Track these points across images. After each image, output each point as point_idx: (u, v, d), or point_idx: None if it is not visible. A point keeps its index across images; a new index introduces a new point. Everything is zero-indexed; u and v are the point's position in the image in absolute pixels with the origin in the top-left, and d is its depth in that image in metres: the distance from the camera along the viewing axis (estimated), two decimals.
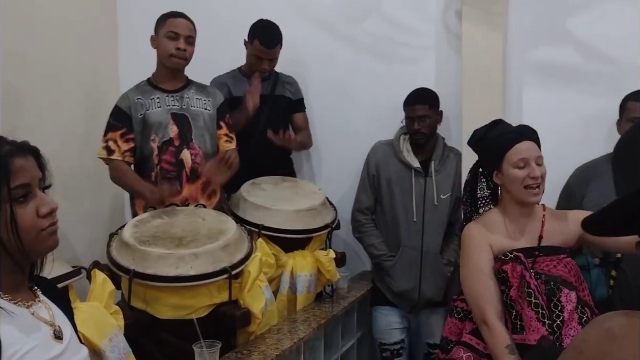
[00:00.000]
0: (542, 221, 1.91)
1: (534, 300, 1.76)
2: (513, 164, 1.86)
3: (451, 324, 1.98)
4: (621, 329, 0.75)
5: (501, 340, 1.75)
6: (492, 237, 1.88)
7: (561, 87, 2.79)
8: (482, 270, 1.84)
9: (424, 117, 2.74)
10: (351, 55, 3.16)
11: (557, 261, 1.86)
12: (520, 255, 1.81)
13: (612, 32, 2.69)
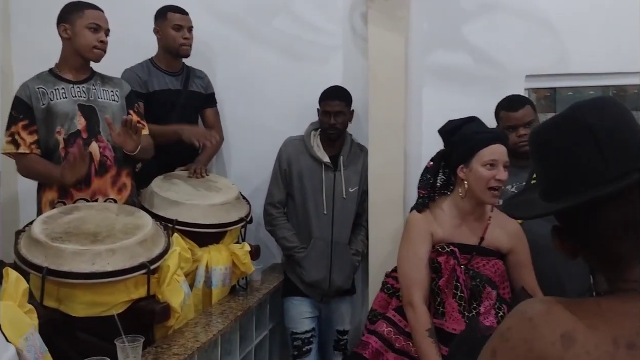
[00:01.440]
0: (487, 223, 2.03)
1: (459, 293, 1.92)
2: (483, 163, 1.95)
3: (380, 298, 2.12)
4: (540, 317, 0.79)
5: (423, 323, 1.89)
6: (436, 226, 1.99)
7: (456, 90, 3.02)
8: (419, 257, 1.96)
9: (340, 113, 2.86)
10: (261, 52, 3.21)
11: (487, 261, 2.00)
12: (455, 251, 1.94)
13: (501, 39, 2.96)
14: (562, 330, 0.76)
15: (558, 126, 0.84)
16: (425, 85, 3.06)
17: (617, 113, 0.83)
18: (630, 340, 0.74)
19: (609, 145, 0.79)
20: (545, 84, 3.04)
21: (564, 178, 0.83)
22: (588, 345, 0.75)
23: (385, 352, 2.01)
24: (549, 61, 2.92)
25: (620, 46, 2.82)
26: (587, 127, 0.80)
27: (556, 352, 0.75)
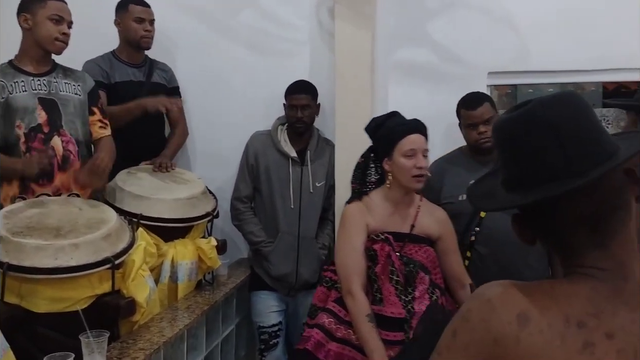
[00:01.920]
0: (417, 211, 2.14)
1: (395, 277, 2.00)
2: (403, 153, 2.07)
3: (320, 292, 2.20)
4: (498, 298, 0.84)
5: (362, 309, 1.98)
6: (371, 217, 2.08)
7: (421, 86, 3.07)
8: (355, 247, 2.05)
9: (306, 106, 2.87)
10: (227, 46, 3.20)
11: (419, 248, 2.11)
12: (390, 237, 2.04)
13: (464, 37, 3.02)
14: (518, 311, 0.81)
15: (521, 121, 0.87)
16: (391, 82, 3.10)
17: (579, 109, 0.85)
18: (580, 319, 0.79)
19: (569, 142, 0.82)
20: (506, 81, 3.11)
21: (526, 172, 0.86)
22: (542, 324, 0.79)
23: (327, 342, 2.07)
24: (510, 58, 2.99)
25: (579, 44, 2.91)
26: (549, 124, 0.83)
27: (512, 331, 0.80)
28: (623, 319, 0.80)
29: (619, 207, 0.85)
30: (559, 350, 0.78)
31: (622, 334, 0.79)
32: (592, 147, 0.83)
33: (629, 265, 0.84)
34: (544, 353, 0.79)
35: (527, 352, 0.79)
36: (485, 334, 0.82)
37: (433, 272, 2.11)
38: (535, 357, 0.79)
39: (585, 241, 0.84)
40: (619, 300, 0.81)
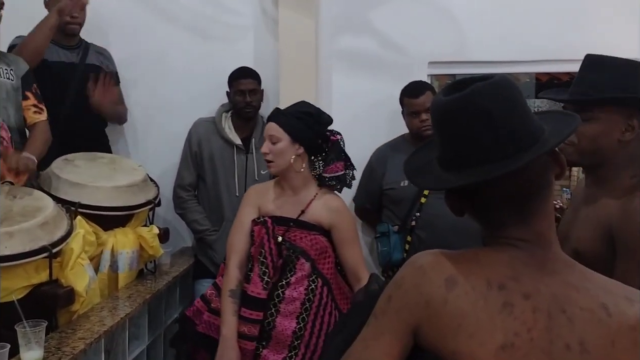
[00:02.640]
0: (311, 199, 2.16)
1: (262, 259, 2.07)
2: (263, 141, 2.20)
3: (222, 269, 2.27)
4: (429, 265, 0.92)
5: (228, 284, 2.11)
6: (263, 200, 2.18)
7: (364, 74, 3.11)
8: (242, 224, 2.16)
9: (253, 90, 2.87)
10: (169, 31, 3.13)
11: (305, 235, 2.13)
12: (268, 221, 2.11)
13: (405, 26, 3.07)
14: (446, 275, 0.89)
15: (457, 106, 0.90)
16: (335, 69, 3.12)
17: (511, 96, 0.90)
18: (501, 282, 0.88)
19: (501, 127, 0.87)
20: (446, 70, 3.20)
21: (460, 153, 0.91)
22: (467, 287, 0.88)
23: (204, 311, 2.22)
24: (450, 49, 3.08)
25: (515, 35, 3.02)
26: (483, 110, 0.88)
27: (441, 294, 0.88)
28: (538, 282, 0.88)
29: (541, 187, 0.92)
30: (482, 310, 0.86)
31: (537, 294, 0.87)
32: (521, 132, 0.88)
33: (547, 236, 0.92)
34: (469, 312, 0.86)
35: (454, 311, 0.87)
36: (417, 297, 0.90)
37: (319, 260, 2.13)
38: (461, 316, 0.86)
39: (509, 216, 0.91)
40: (535, 266, 0.89)
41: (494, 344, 0.85)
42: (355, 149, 2.75)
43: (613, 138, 1.45)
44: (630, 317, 0.86)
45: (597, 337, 0.84)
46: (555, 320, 0.86)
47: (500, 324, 0.85)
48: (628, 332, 0.84)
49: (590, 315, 0.86)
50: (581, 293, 0.88)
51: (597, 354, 0.84)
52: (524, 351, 0.84)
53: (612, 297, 0.88)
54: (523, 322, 0.85)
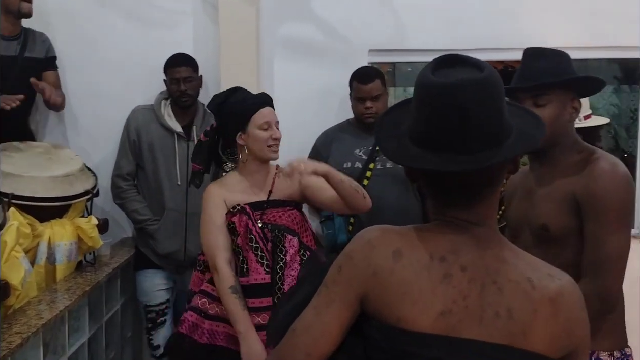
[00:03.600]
0: (273, 179, 2.17)
1: (254, 244, 2.04)
2: (259, 126, 2.10)
3: (195, 277, 2.20)
4: (377, 239, 0.99)
5: (226, 282, 2.02)
6: (229, 194, 2.10)
7: (306, 62, 3.11)
8: (215, 223, 2.07)
9: (188, 78, 2.82)
10: (105, 16, 3.04)
11: (282, 212, 2.14)
12: (245, 207, 2.07)
13: (346, 14, 3.10)
14: (394, 248, 0.96)
15: (439, 93, 0.92)
16: (277, 56, 3.11)
17: (492, 96, 0.93)
18: (442, 255, 0.95)
19: (474, 125, 0.91)
20: (386, 58, 3.25)
21: (431, 136, 0.94)
22: (412, 259, 0.95)
23: (202, 322, 2.10)
24: (389, 37, 3.12)
25: (453, 24, 3.09)
26: (459, 106, 0.91)
27: (388, 265, 0.95)
28: (474, 256, 0.95)
29: (496, 181, 0.99)
30: (425, 279, 0.94)
31: (473, 267, 0.95)
32: (490, 132, 0.93)
33: (488, 219, 1.00)
34: (413, 281, 0.94)
35: (400, 281, 0.94)
36: (366, 268, 0.96)
37: (302, 234, 2.15)
38: (406, 285, 0.94)
39: (459, 200, 0.98)
40: (473, 242, 0.96)
41: (434, 311, 0.92)
42: (299, 135, 2.78)
43: (564, 119, 1.58)
44: (550, 291, 0.94)
45: (522, 306, 0.92)
46: (487, 289, 0.93)
47: (440, 293, 0.93)
48: (548, 304, 0.93)
49: (517, 286, 0.94)
50: (511, 267, 0.96)
51: (521, 321, 0.92)
52: (459, 317, 0.92)
53: (537, 273, 0.96)
54: (460, 291, 0.93)
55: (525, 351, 0.91)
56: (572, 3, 3.12)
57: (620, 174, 1.51)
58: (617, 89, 4.01)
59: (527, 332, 0.92)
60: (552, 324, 0.93)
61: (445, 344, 0.92)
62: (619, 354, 1.57)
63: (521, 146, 0.97)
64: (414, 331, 0.92)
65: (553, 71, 1.56)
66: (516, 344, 0.91)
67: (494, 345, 0.91)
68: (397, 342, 0.93)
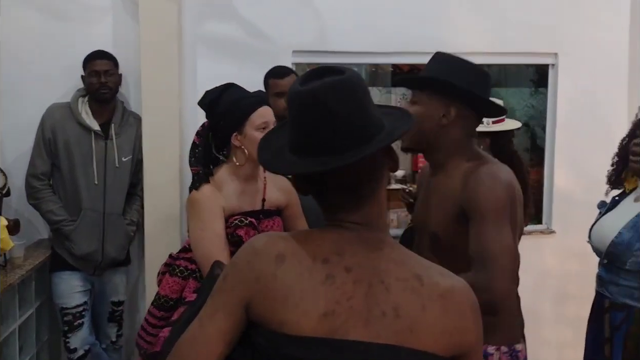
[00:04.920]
0: (264, 184, 2.06)
1: None
2: (256, 127, 1.95)
3: (172, 283, 1.99)
4: (261, 245, 1.00)
5: None
6: (226, 201, 1.95)
7: (230, 61, 3.11)
8: (217, 234, 1.89)
9: (110, 71, 2.78)
10: (18, 11, 2.92)
11: (272, 222, 2.03)
12: (254, 221, 1.94)
13: (270, 14, 3.12)
14: (276, 253, 0.97)
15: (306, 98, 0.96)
16: (200, 54, 3.10)
17: (356, 95, 0.97)
18: (325, 257, 0.96)
19: (342, 124, 0.95)
20: (309, 59, 3.29)
21: (306, 142, 0.98)
22: (294, 262, 0.96)
23: None
24: (313, 38, 3.17)
25: (374, 28, 3.17)
26: (328, 108, 0.95)
27: (270, 269, 0.96)
28: (360, 257, 0.97)
29: (374, 179, 1.02)
30: (307, 281, 0.94)
31: (359, 268, 0.96)
32: (360, 129, 0.97)
33: (376, 220, 1.02)
34: (295, 284, 0.94)
35: (282, 284, 0.95)
36: (249, 274, 0.97)
37: None
38: (288, 288, 0.94)
39: (344, 202, 1.01)
40: (360, 244, 0.98)
41: (317, 312, 0.92)
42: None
43: (433, 122, 1.60)
44: (441, 287, 0.96)
45: (409, 304, 0.93)
46: (374, 289, 0.94)
47: (322, 294, 0.93)
48: (437, 300, 0.94)
49: (405, 284, 0.94)
50: (399, 266, 0.97)
51: (409, 318, 0.92)
52: (344, 317, 0.92)
53: (427, 271, 0.98)
54: (344, 292, 0.94)
55: (413, 350, 0.91)
56: (484, 11, 3.27)
57: (498, 178, 1.54)
58: (535, 92, 4.22)
59: (414, 329, 0.92)
60: (442, 321, 0.93)
61: (329, 346, 0.91)
62: (506, 349, 1.63)
63: (386, 139, 0.98)
64: (297, 335, 0.92)
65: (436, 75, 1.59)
66: (404, 342, 0.91)
67: (381, 345, 0.91)
68: (281, 347, 0.93)
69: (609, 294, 1.96)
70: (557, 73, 3.43)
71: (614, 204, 2.09)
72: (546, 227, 3.53)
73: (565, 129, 3.43)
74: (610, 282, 1.96)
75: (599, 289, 2.02)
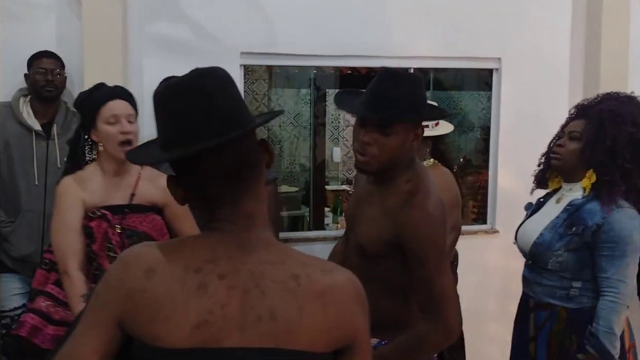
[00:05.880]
0: (137, 180, 2.07)
1: (112, 254, 1.96)
2: (106, 120, 1.97)
3: (39, 275, 2.08)
4: (132, 258, 0.97)
5: (77, 290, 1.90)
6: (86, 193, 1.98)
7: (177, 61, 3.08)
8: (70, 225, 1.94)
9: (56, 70, 2.75)
10: None
11: (143, 218, 2.05)
12: (107, 214, 1.98)
13: (218, 15, 3.12)
14: (146, 267, 0.94)
15: (177, 89, 0.97)
16: (146, 54, 3.08)
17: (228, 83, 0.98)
18: (197, 266, 0.94)
19: (216, 107, 0.95)
20: (257, 61, 3.33)
21: (178, 133, 0.97)
22: (165, 274, 0.94)
23: (44, 327, 2.01)
24: (261, 40, 3.18)
25: (323, 30, 3.20)
26: (202, 89, 0.95)
27: (140, 284, 0.93)
28: (237, 262, 0.95)
29: (252, 168, 1.00)
30: (178, 293, 0.92)
31: (234, 273, 0.94)
32: (233, 114, 0.97)
33: (254, 218, 1.00)
34: (165, 297, 0.92)
35: (152, 299, 0.92)
36: (119, 291, 0.95)
37: (161, 240, 2.06)
38: (158, 302, 0.92)
39: (223, 191, 0.98)
40: (236, 248, 0.96)
41: (189, 324, 0.91)
42: None
43: (406, 147, 1.63)
44: (319, 285, 0.96)
45: (285, 305, 0.93)
46: (249, 295, 0.93)
47: (194, 305, 0.91)
48: (315, 298, 0.94)
49: (281, 286, 0.94)
50: (275, 267, 0.96)
51: (285, 320, 0.92)
52: (217, 327, 0.91)
53: (307, 269, 0.97)
54: (217, 301, 0.92)
55: (291, 350, 0.92)
56: (430, 15, 3.34)
57: (436, 219, 1.58)
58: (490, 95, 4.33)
59: (291, 330, 0.92)
60: (321, 319, 0.94)
61: (202, 356, 0.91)
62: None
63: (258, 122, 1.00)
64: (169, 348, 0.90)
65: (403, 102, 1.56)
66: (281, 344, 0.91)
67: (256, 349, 0.91)
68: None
69: (533, 294, 2.04)
70: (500, 78, 3.52)
71: (539, 206, 2.16)
72: (490, 227, 3.63)
73: (508, 132, 3.53)
74: (534, 282, 2.03)
75: (525, 289, 2.09)
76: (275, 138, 5.13)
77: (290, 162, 5.23)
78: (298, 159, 5.24)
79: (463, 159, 5.01)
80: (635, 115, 1.91)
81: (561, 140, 2.04)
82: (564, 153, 2.00)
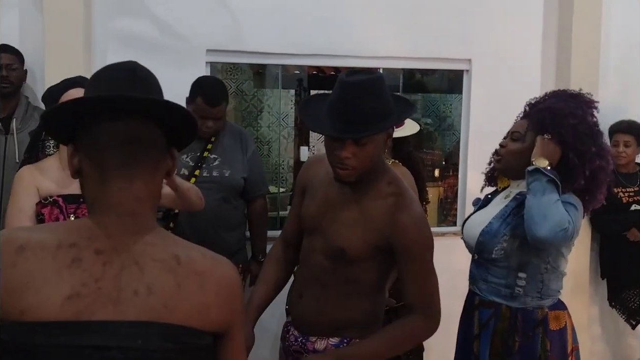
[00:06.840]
0: None
1: None
2: None
3: None
4: (3, 239, 0.96)
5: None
6: (43, 181, 1.99)
7: (141, 58, 3.02)
8: (22, 209, 1.94)
9: (12, 65, 2.75)
10: None
11: None
12: (59, 200, 1.98)
13: (183, 12, 3.10)
14: (18, 245, 0.95)
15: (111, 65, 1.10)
16: (111, 50, 3.05)
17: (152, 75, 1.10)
18: (73, 242, 0.96)
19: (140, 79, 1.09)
20: (224, 59, 3.30)
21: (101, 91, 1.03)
22: (36, 250, 0.94)
23: None
24: (228, 38, 3.17)
25: (291, 29, 3.19)
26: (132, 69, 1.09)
27: (11, 259, 0.93)
28: (116, 241, 0.97)
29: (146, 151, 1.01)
30: (49, 266, 0.93)
31: (111, 251, 0.96)
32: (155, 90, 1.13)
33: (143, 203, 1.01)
34: (36, 270, 0.93)
35: (22, 272, 0.92)
36: None
37: None
38: (28, 275, 0.92)
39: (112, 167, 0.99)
40: (118, 229, 0.98)
41: (60, 296, 0.91)
42: None
43: (380, 153, 1.66)
44: (198, 265, 0.99)
45: (164, 281, 0.95)
46: (127, 271, 0.95)
47: (67, 277, 0.92)
48: (194, 276, 0.98)
49: (162, 264, 0.97)
50: (156, 247, 0.99)
51: (163, 295, 0.95)
52: (91, 299, 0.92)
53: (188, 251, 1.01)
54: (91, 274, 0.93)
55: (166, 324, 0.93)
56: (400, 16, 3.32)
57: (425, 219, 1.69)
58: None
59: (169, 305, 0.94)
60: (198, 296, 0.97)
61: (72, 328, 0.91)
62: None
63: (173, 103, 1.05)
64: (38, 321, 0.90)
65: (373, 115, 1.54)
66: (157, 318, 0.93)
67: (130, 322, 0.92)
68: (22, 337, 0.90)
69: (478, 291, 2.01)
70: (470, 79, 3.51)
71: (487, 202, 2.14)
72: (459, 228, 3.60)
73: (478, 134, 3.51)
74: (480, 278, 2.00)
75: (470, 285, 2.07)
76: (264, 139, 5.11)
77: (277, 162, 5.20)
78: (287, 160, 5.21)
79: (445, 162, 4.99)
80: (572, 107, 1.89)
81: (503, 141, 2.03)
82: (504, 154, 1.99)
